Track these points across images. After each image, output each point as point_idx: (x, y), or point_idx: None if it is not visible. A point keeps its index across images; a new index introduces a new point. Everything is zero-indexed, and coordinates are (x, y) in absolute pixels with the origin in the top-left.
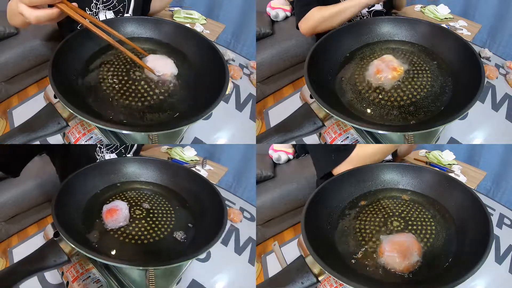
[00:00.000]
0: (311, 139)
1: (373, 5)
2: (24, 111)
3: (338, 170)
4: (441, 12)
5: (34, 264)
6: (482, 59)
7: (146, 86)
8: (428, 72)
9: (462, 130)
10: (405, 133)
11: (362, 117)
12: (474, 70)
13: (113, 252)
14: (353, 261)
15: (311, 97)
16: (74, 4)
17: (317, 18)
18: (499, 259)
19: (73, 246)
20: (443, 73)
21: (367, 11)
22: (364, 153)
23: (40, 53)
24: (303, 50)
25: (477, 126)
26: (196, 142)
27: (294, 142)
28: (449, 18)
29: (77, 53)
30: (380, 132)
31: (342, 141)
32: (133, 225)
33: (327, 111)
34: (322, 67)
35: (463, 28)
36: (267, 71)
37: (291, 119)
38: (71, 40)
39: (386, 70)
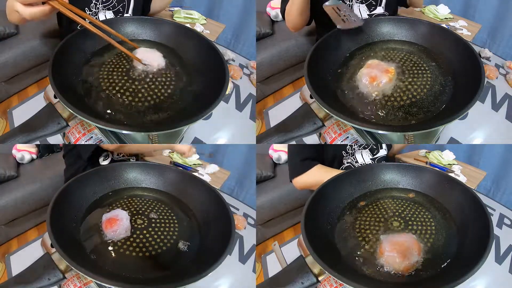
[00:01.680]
0: (311, 139)
1: (375, 8)
2: (24, 111)
3: (297, 180)
4: (441, 12)
5: (26, 285)
6: (482, 59)
7: (146, 86)
8: (428, 72)
9: (462, 130)
10: (405, 133)
11: (362, 117)
12: (474, 70)
13: (112, 267)
14: (353, 261)
15: (311, 97)
16: (65, 0)
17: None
18: (499, 259)
19: (68, 264)
20: (443, 73)
21: (368, 14)
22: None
23: (40, 53)
24: (303, 50)
25: (477, 126)
26: (196, 142)
27: (294, 142)
28: (449, 18)
29: (77, 53)
30: (380, 132)
31: (342, 141)
32: (134, 236)
33: (327, 111)
34: (322, 67)
35: (463, 28)
36: (267, 71)
37: (291, 119)
38: (71, 40)
39: (380, 75)
